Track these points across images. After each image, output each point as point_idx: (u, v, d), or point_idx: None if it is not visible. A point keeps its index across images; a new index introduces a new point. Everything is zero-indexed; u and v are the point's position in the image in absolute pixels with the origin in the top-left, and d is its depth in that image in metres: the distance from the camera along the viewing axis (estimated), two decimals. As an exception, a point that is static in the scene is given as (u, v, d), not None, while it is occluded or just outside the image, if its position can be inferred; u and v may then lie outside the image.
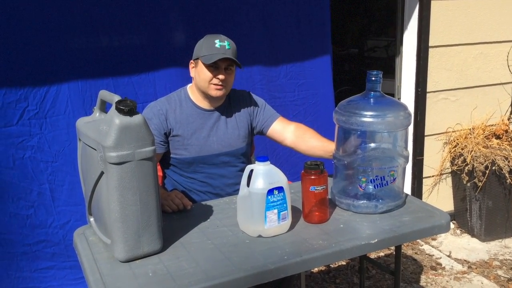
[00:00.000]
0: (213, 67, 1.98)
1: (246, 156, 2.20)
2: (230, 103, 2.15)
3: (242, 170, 2.15)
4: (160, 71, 2.58)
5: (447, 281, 2.81)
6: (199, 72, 2.01)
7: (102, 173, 1.47)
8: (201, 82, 2.01)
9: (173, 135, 2.04)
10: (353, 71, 6.15)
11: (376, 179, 1.77)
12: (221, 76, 1.98)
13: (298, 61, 2.91)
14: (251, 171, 1.67)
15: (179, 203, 1.87)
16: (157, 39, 2.55)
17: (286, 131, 2.18)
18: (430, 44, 3.19)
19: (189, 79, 2.15)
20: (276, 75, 2.85)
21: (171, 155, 2.08)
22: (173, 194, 1.91)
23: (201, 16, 2.62)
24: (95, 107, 1.67)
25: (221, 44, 1.97)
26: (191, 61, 2.06)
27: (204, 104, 2.08)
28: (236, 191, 1.97)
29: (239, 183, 1.70)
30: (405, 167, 1.86)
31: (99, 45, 2.43)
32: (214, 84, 1.99)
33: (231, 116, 2.13)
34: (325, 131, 3.06)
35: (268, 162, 1.67)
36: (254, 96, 2.22)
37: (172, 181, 2.16)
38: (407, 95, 3.33)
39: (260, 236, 1.65)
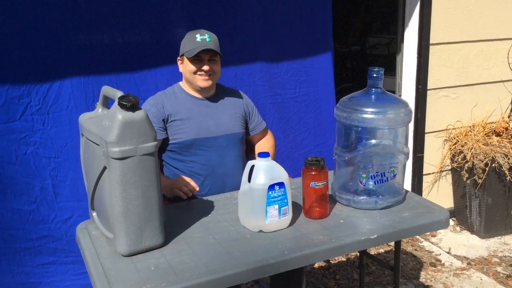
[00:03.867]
0: (198, 60, 2.11)
1: (243, 143, 2.29)
2: (222, 94, 2.28)
3: (241, 155, 2.25)
4: (161, 68, 2.59)
5: (446, 278, 2.83)
6: (185, 67, 2.16)
7: (104, 168, 1.48)
8: (189, 75, 2.15)
9: (170, 120, 2.14)
10: (354, 68, 6.15)
11: (377, 175, 1.79)
12: (205, 67, 2.11)
13: (299, 58, 2.92)
14: (252, 166, 1.68)
15: (190, 190, 1.99)
16: (159, 36, 2.56)
17: (257, 141, 2.38)
18: (431, 42, 3.19)
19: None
20: (277, 72, 2.86)
21: (171, 141, 2.15)
22: (180, 180, 2.02)
23: (203, 13, 2.63)
24: (97, 103, 1.68)
25: (201, 38, 2.11)
26: (178, 58, 2.21)
27: (197, 94, 2.21)
28: (235, 176, 2.08)
29: (238, 167, 1.74)
30: (405, 164, 1.88)
31: (101, 42, 2.44)
32: (200, 75, 2.13)
33: (226, 104, 2.25)
34: (326, 128, 3.08)
35: (269, 158, 1.68)
36: (247, 96, 2.37)
37: (172, 169, 2.20)
38: (408, 92, 3.34)
39: (261, 231, 1.66)
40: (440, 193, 3.49)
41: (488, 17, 3.29)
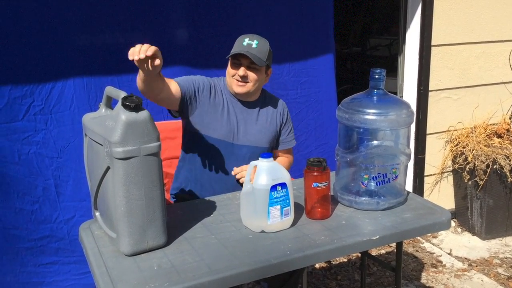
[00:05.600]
0: (237, 63, 2.05)
1: None
2: (263, 102, 2.19)
3: None
4: (164, 69, 2.58)
5: (447, 279, 2.83)
6: (227, 68, 2.10)
7: (108, 168, 1.49)
8: (227, 76, 2.10)
9: (200, 102, 2.05)
10: (355, 69, 6.15)
11: (378, 176, 1.79)
12: (240, 72, 2.03)
13: (301, 59, 2.92)
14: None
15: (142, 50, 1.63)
16: (160, 37, 2.57)
17: (276, 155, 2.28)
18: (432, 43, 3.20)
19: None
20: (279, 73, 2.87)
21: (203, 133, 2.08)
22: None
23: (204, 14, 2.64)
24: (101, 103, 1.69)
25: (248, 43, 2.04)
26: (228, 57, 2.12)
27: (236, 96, 2.13)
28: None
29: None
30: (407, 165, 1.88)
31: (104, 42, 2.45)
32: (236, 80, 2.06)
33: (263, 114, 2.18)
34: (327, 129, 3.09)
35: (272, 159, 1.68)
36: (288, 111, 2.28)
37: (190, 167, 2.14)
38: (409, 94, 3.35)
39: (263, 231, 1.67)
40: (441, 194, 3.50)
41: (490, 19, 3.29)
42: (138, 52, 1.63)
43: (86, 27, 2.39)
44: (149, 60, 1.69)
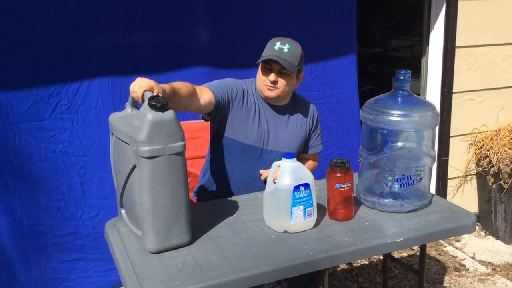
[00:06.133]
0: (268, 68, 2.01)
1: None
2: (293, 107, 2.17)
3: None
4: (187, 70, 2.62)
5: (470, 283, 2.79)
6: (258, 72, 2.07)
7: (134, 166, 1.51)
8: (258, 81, 2.07)
9: (234, 107, 2.03)
10: (376, 71, 6.11)
11: (403, 178, 1.78)
12: (270, 77, 2.00)
13: (323, 59, 2.92)
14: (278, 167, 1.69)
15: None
16: (184, 37, 2.60)
17: (302, 159, 2.21)
18: (456, 44, 3.16)
19: (214, 78, 2.17)
20: (301, 74, 2.86)
21: (233, 138, 2.06)
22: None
23: (226, 15, 2.66)
24: (127, 103, 1.71)
25: (279, 47, 1.99)
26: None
27: (267, 100, 2.11)
28: None
29: None
30: (431, 167, 1.86)
31: (129, 43, 2.49)
32: (266, 85, 2.02)
33: (293, 119, 2.16)
34: (349, 130, 3.08)
35: (295, 159, 1.69)
36: (317, 115, 2.25)
37: (216, 170, 2.14)
38: (432, 95, 3.31)
39: (285, 231, 1.67)
40: (464, 197, 3.45)
41: (516, 20, 3.24)
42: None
43: (111, 27, 2.43)
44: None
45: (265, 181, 2.04)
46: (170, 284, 1.36)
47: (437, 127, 3.23)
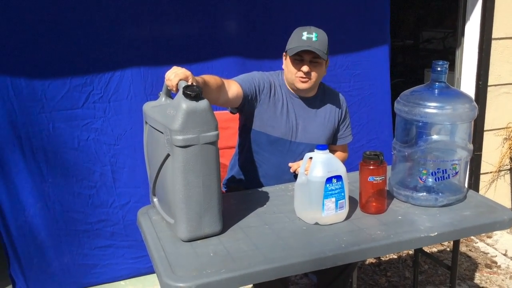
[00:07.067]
0: (298, 60, 1.98)
1: None
2: (322, 98, 2.14)
3: None
4: (217, 60, 2.62)
5: (502, 280, 2.73)
6: (287, 65, 2.03)
7: (168, 155, 1.52)
8: (288, 74, 2.03)
9: (261, 100, 2.02)
10: (407, 63, 6.01)
11: (438, 171, 1.75)
12: (304, 68, 1.96)
13: (355, 51, 2.88)
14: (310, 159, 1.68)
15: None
16: (214, 28, 2.59)
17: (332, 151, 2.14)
18: (493, 36, 3.07)
19: (244, 69, 2.16)
20: (331, 65, 2.82)
21: (261, 131, 2.05)
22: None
23: (258, 6, 2.64)
24: (161, 92, 1.72)
25: (308, 36, 1.96)
26: (284, 53, 2.06)
27: (295, 92, 2.08)
28: None
29: None
30: (468, 161, 1.82)
31: (160, 34, 2.50)
32: (299, 77, 1.99)
33: (322, 111, 2.13)
34: (380, 123, 3.03)
35: (327, 151, 1.67)
36: (346, 105, 2.21)
37: (245, 162, 2.13)
38: (467, 88, 3.23)
39: (317, 223, 1.66)
40: (497, 193, 3.37)
41: (556, 11, 3.13)
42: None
43: (143, 19, 2.44)
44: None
45: (294, 174, 2.04)
46: (202, 272, 1.37)
47: (472, 121, 3.19)
